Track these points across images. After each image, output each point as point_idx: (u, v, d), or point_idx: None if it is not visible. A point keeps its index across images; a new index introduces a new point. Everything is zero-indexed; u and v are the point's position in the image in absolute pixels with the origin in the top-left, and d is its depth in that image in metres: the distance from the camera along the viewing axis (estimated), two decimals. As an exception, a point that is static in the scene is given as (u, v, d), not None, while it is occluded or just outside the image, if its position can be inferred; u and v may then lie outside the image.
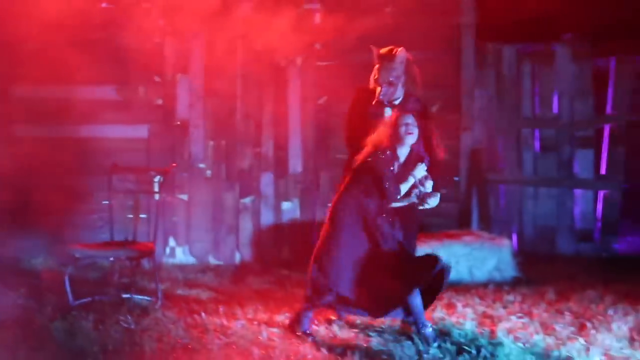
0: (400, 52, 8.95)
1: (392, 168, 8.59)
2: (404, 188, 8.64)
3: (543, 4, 17.45)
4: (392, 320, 8.91)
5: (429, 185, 8.70)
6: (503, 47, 14.16)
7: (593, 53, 14.19)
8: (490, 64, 14.08)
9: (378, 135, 8.66)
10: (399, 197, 8.63)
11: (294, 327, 8.82)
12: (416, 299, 8.52)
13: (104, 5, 13.27)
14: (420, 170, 8.68)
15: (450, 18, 13.77)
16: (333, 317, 9.12)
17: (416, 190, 8.66)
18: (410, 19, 13.43)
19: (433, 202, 8.73)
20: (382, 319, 8.86)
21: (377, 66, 9.04)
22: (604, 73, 14.19)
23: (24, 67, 13.02)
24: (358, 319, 9.05)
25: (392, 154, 8.61)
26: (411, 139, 8.65)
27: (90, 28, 13.00)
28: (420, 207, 8.77)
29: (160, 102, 13.39)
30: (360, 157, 8.65)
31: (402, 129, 8.61)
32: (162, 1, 13.28)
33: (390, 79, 8.92)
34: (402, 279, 8.46)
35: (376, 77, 8.99)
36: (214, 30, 13.26)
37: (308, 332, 8.73)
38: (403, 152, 8.69)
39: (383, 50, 9.04)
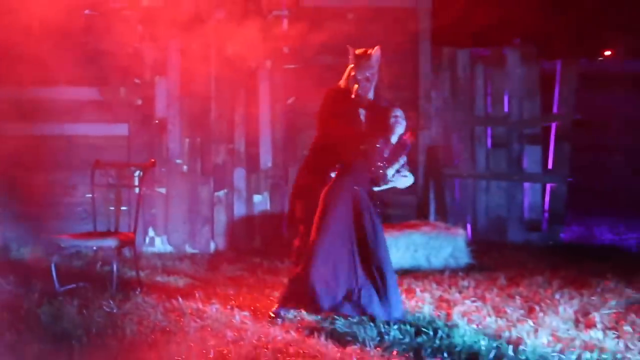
0: (376, 52, 8.86)
1: (383, 155, 8.62)
2: (391, 172, 8.69)
3: (494, 12, 17.54)
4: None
5: (405, 170, 8.78)
6: (457, 51, 14.20)
7: (540, 56, 14.26)
8: (445, 67, 14.11)
9: (371, 127, 8.70)
10: (387, 179, 8.68)
11: (278, 311, 8.80)
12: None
13: (86, 12, 13.20)
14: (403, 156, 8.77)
15: (408, 24, 13.76)
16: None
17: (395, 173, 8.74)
18: (371, 25, 13.43)
19: (408, 182, 8.83)
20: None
21: (352, 65, 8.85)
22: (551, 75, 14.26)
23: (11, 69, 12.98)
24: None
25: (384, 142, 8.64)
26: (400, 129, 8.72)
27: (74, 33, 12.97)
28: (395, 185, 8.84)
29: (139, 102, 13.34)
30: (350, 150, 8.66)
31: (392, 120, 8.67)
32: (140, 9, 13.27)
33: (367, 75, 8.83)
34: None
35: (353, 74, 8.82)
36: (188, 36, 13.25)
37: (283, 314, 8.70)
38: (393, 141, 8.73)
39: (359, 50, 8.88)
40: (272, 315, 8.72)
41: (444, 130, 14.01)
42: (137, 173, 10.79)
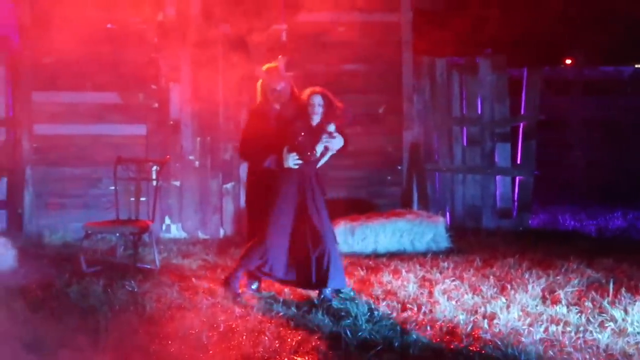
0: (281, 61, 8.86)
1: (306, 143, 8.59)
2: (319, 149, 8.67)
3: (468, 26, 17.49)
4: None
5: (338, 140, 8.74)
6: (436, 60, 14.13)
7: (509, 65, 14.21)
8: (425, 74, 14.04)
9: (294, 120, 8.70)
10: (316, 156, 8.68)
11: (227, 285, 8.69)
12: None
13: (108, 26, 13.16)
14: (331, 130, 8.72)
15: (393, 37, 13.71)
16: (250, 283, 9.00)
17: (325, 142, 8.68)
18: (360, 37, 13.41)
19: (337, 144, 8.76)
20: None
21: (265, 80, 8.84)
22: (518, 81, 14.25)
23: (43, 77, 12.97)
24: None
25: (305, 133, 8.64)
26: (317, 117, 8.70)
27: (97, 45, 12.94)
28: (330, 153, 8.80)
29: (156, 105, 13.30)
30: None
31: (309, 110, 8.68)
32: (155, 23, 13.23)
33: (281, 85, 8.78)
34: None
35: (270, 85, 8.79)
36: (199, 47, 13.22)
37: (237, 291, 8.62)
38: (313, 124, 8.72)
39: (269, 66, 8.91)
40: (226, 283, 8.70)
41: (425, 129, 13.97)
42: (154, 168, 10.80)
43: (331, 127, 8.73)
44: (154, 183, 10.70)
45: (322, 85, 9.07)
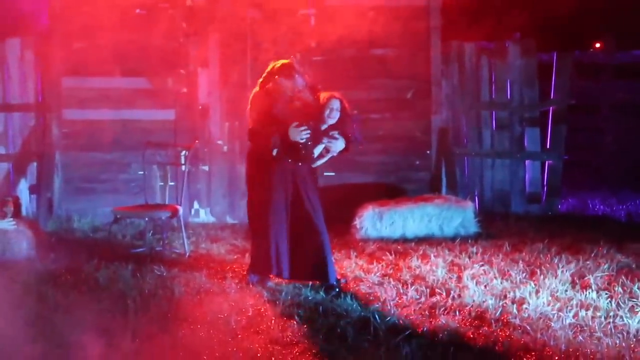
0: (294, 62, 8.93)
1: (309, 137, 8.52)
2: (317, 150, 8.68)
3: (496, 9, 17.40)
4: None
5: (339, 142, 8.73)
6: (465, 44, 14.06)
7: (538, 49, 14.13)
8: (454, 59, 13.98)
9: (302, 114, 8.58)
10: (314, 157, 8.69)
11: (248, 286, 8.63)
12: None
13: (137, 11, 13.18)
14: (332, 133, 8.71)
15: (421, 21, 13.63)
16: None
17: (326, 144, 8.70)
18: (389, 21, 13.31)
19: (338, 146, 8.75)
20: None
21: (283, 74, 8.76)
22: (548, 65, 14.16)
23: (73, 62, 13.00)
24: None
25: (313, 126, 8.55)
26: (331, 120, 8.68)
27: (126, 30, 12.95)
28: (331, 155, 8.81)
29: (185, 90, 13.33)
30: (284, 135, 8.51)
31: (327, 112, 8.64)
32: (184, 8, 13.23)
33: (300, 83, 8.76)
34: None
35: (289, 82, 8.71)
36: (227, 32, 13.21)
37: (254, 281, 8.59)
38: (324, 127, 8.70)
39: (285, 62, 8.91)
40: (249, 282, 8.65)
41: (454, 114, 13.92)
42: (183, 153, 10.78)
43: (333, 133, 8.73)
44: (183, 168, 10.69)
45: (350, 70, 9.06)
